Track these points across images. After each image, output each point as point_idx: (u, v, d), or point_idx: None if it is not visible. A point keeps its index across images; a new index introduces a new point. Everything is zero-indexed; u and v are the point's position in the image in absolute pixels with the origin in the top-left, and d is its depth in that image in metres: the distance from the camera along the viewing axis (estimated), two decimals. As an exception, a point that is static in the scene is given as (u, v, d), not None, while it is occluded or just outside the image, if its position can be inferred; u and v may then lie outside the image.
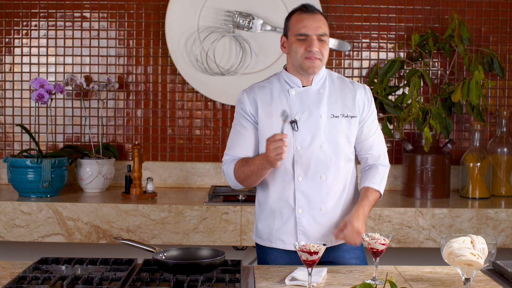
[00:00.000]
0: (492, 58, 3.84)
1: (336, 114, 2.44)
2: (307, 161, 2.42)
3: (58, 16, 3.98)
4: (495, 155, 3.85)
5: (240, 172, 2.43)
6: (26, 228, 3.42)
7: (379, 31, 4.01)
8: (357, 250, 2.54)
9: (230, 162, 2.48)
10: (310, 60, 2.39)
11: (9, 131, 4.03)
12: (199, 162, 4.02)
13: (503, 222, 3.42)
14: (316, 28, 2.39)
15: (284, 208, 2.46)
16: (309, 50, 2.38)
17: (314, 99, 2.44)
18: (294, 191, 2.44)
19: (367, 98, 2.50)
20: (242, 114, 2.49)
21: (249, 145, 2.48)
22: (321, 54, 2.40)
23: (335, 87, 2.49)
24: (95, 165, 3.75)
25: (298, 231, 2.45)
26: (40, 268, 2.23)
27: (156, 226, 3.40)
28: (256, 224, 2.57)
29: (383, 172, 2.52)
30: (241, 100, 2.50)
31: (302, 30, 2.39)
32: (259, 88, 2.50)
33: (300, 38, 2.40)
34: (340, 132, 2.44)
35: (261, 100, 2.46)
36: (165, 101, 4.02)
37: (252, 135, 2.48)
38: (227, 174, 2.48)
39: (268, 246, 2.52)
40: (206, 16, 3.90)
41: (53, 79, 4.00)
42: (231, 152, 2.50)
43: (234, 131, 2.51)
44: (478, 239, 1.97)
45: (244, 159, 2.44)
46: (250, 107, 2.47)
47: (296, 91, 2.46)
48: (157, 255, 2.22)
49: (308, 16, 2.41)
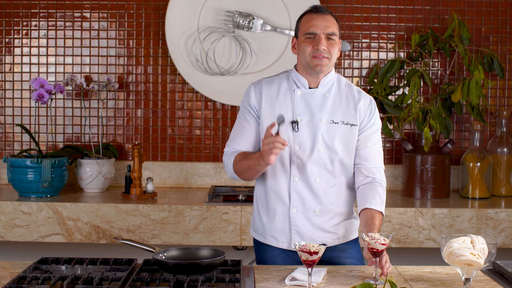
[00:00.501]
0: (492, 58, 3.84)
1: (336, 120, 2.44)
2: (303, 163, 2.43)
3: (58, 16, 3.98)
4: (495, 155, 3.85)
5: (239, 165, 2.45)
6: (26, 228, 3.42)
7: (379, 31, 4.01)
8: (353, 249, 2.55)
9: (231, 154, 2.50)
10: (317, 59, 2.40)
11: (9, 131, 4.03)
12: (199, 162, 4.02)
13: (503, 222, 3.42)
14: (325, 27, 2.41)
15: (279, 206, 2.47)
16: (317, 48, 2.39)
17: (318, 103, 2.45)
18: (289, 190, 2.45)
19: (370, 109, 2.49)
20: (247, 107, 2.52)
21: (250, 139, 2.51)
22: (329, 53, 2.41)
23: (341, 94, 2.49)
24: (95, 165, 3.75)
25: (292, 230, 2.46)
26: (40, 268, 2.23)
27: (156, 226, 3.40)
28: (253, 217, 2.60)
29: (382, 192, 2.46)
30: (248, 93, 2.53)
31: (310, 29, 2.41)
32: (267, 83, 2.52)
33: (309, 37, 2.41)
34: (338, 138, 2.43)
35: (266, 95, 2.48)
36: (165, 101, 4.02)
37: (253, 129, 2.50)
38: (227, 165, 2.51)
39: (261, 241, 2.54)
40: (206, 16, 3.90)
41: (53, 79, 4.00)
42: (232, 144, 2.53)
43: (238, 124, 2.54)
44: (478, 239, 1.97)
45: (244, 153, 2.47)
46: (255, 100, 2.49)
47: (302, 92, 2.47)
48: (157, 255, 2.22)
49: (318, 16, 2.43)
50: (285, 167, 2.45)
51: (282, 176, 2.45)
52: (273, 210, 2.49)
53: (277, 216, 2.48)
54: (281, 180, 2.46)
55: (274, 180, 2.47)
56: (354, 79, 4.01)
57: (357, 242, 2.58)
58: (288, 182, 2.45)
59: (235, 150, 2.51)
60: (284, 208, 2.46)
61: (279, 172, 2.46)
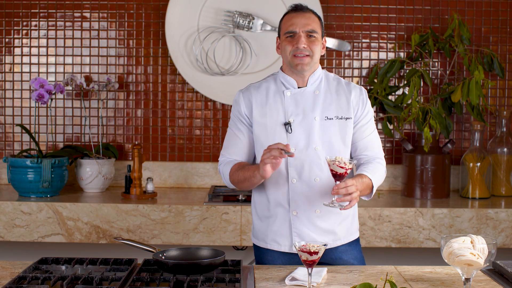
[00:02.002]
0: (492, 58, 3.84)
1: (330, 116, 2.42)
2: (301, 164, 2.41)
3: (58, 16, 3.98)
4: (495, 155, 3.85)
5: (235, 176, 2.44)
6: (26, 228, 3.42)
7: (379, 31, 4.01)
8: (355, 250, 2.54)
9: (226, 163, 2.49)
10: (298, 58, 2.39)
11: (9, 131, 4.03)
12: (199, 162, 4.02)
13: (503, 222, 3.42)
14: (304, 25, 2.40)
15: (279, 210, 2.45)
16: (296, 46, 2.39)
17: (309, 101, 2.44)
18: (288, 193, 2.43)
19: (362, 100, 2.47)
20: (238, 116, 2.50)
21: (243, 149, 2.49)
22: (310, 50, 2.40)
23: (331, 89, 2.47)
24: (95, 165, 3.75)
25: (293, 233, 2.44)
26: (40, 268, 2.23)
27: (156, 226, 3.40)
28: (253, 224, 2.58)
29: (381, 169, 2.46)
30: (237, 100, 2.51)
31: (290, 28, 2.41)
32: (255, 88, 2.50)
33: (289, 35, 2.41)
34: (334, 134, 2.42)
35: (255, 101, 2.47)
36: (165, 101, 4.02)
37: (246, 138, 2.49)
38: (223, 174, 2.50)
39: (263, 247, 2.52)
40: (206, 16, 3.90)
41: (53, 79, 4.00)
42: (226, 154, 2.51)
43: (230, 133, 2.52)
44: (478, 239, 1.97)
45: (240, 164, 2.45)
46: (245, 108, 2.48)
47: (292, 92, 2.45)
48: (157, 255, 2.22)
49: (297, 14, 2.42)
50: (282, 170, 2.42)
51: (279, 180, 2.43)
52: (273, 214, 2.47)
53: (277, 220, 2.46)
54: (279, 184, 2.44)
55: (272, 184, 2.45)
56: (354, 79, 4.01)
57: (358, 243, 2.57)
58: (286, 185, 2.43)
59: (230, 159, 2.49)
60: (283, 211, 2.45)
61: (276, 176, 2.43)
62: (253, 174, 2.35)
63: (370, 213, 3.39)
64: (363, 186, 2.34)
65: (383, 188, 4.00)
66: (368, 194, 2.43)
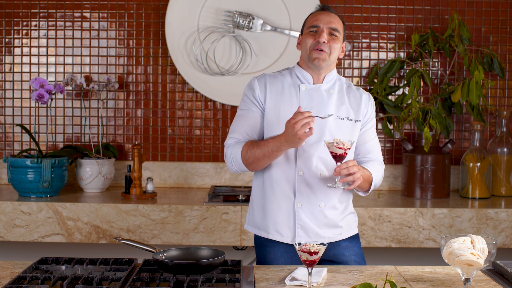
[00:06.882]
0: (492, 58, 3.84)
1: (341, 116, 2.48)
2: (309, 157, 2.43)
3: (58, 16, 3.98)
4: (495, 155, 3.85)
5: (250, 154, 2.40)
6: (26, 228, 3.42)
7: (379, 31, 4.01)
8: (355, 247, 2.57)
9: (236, 144, 2.45)
10: (316, 52, 2.43)
11: (9, 131, 4.03)
12: (199, 162, 4.02)
13: (503, 222, 3.42)
14: (328, 22, 2.45)
15: (284, 200, 2.47)
16: (318, 41, 2.42)
17: (323, 98, 2.48)
18: (294, 185, 2.45)
19: (370, 105, 2.56)
20: (251, 99, 2.49)
21: (256, 128, 2.47)
22: (329, 48, 2.44)
23: (343, 91, 2.54)
24: (95, 165, 3.75)
25: (297, 225, 2.46)
26: (40, 268, 2.23)
27: (156, 226, 3.40)
28: (253, 214, 2.56)
29: (381, 170, 2.57)
30: (251, 86, 2.51)
31: (314, 23, 2.46)
32: (271, 77, 2.52)
33: (312, 30, 2.46)
34: (344, 134, 2.46)
35: (271, 89, 2.48)
36: (165, 101, 4.02)
37: (259, 119, 2.48)
38: (233, 157, 2.44)
39: (264, 237, 2.52)
40: (206, 16, 3.90)
41: (53, 79, 4.00)
42: (236, 135, 2.48)
43: (241, 114, 2.50)
44: (478, 239, 1.97)
45: (253, 142, 2.42)
46: (260, 92, 2.48)
47: (307, 87, 2.48)
48: (157, 255, 2.22)
49: (323, 12, 2.49)
50: (291, 161, 2.44)
51: (287, 170, 2.45)
52: (277, 205, 2.47)
53: (281, 210, 2.47)
54: (286, 175, 2.45)
55: (279, 175, 2.46)
56: (354, 79, 4.01)
57: (358, 239, 2.60)
58: (293, 176, 2.44)
59: (240, 140, 2.46)
60: (288, 202, 2.46)
61: (284, 166, 2.45)
62: (277, 148, 2.33)
63: (370, 213, 3.39)
64: (364, 173, 2.42)
65: (383, 188, 4.00)
66: (366, 190, 2.52)
